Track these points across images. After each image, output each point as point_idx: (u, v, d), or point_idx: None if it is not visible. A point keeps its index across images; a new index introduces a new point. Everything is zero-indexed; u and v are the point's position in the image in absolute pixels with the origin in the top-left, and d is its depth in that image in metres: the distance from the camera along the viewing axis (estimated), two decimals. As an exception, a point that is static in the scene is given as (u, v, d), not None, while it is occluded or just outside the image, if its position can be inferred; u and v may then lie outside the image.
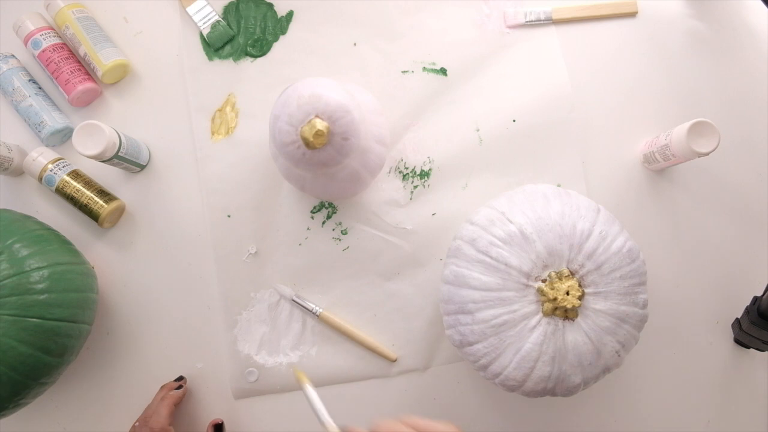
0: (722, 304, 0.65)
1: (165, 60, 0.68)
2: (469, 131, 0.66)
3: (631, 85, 0.67)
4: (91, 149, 0.58)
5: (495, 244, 0.51)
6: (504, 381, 0.52)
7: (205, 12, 0.68)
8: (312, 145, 0.51)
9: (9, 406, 0.54)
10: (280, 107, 0.53)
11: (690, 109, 0.66)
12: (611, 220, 0.54)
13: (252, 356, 0.64)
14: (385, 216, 0.65)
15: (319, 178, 0.57)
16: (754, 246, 0.65)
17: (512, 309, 0.50)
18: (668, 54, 0.67)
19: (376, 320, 0.65)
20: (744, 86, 0.67)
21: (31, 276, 0.53)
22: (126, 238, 0.66)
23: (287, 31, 0.68)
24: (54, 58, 0.65)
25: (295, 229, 0.66)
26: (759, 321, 0.58)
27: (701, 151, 0.56)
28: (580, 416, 0.64)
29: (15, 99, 0.65)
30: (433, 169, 0.66)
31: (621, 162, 0.66)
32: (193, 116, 0.67)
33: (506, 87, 0.66)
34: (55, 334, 0.54)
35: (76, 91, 0.65)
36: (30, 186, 0.67)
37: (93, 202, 0.63)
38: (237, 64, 0.67)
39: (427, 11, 0.68)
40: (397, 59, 0.67)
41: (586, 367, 0.50)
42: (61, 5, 0.65)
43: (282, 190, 0.66)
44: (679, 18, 0.68)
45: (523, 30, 0.67)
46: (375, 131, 0.58)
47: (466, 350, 0.53)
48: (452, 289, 0.53)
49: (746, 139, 0.66)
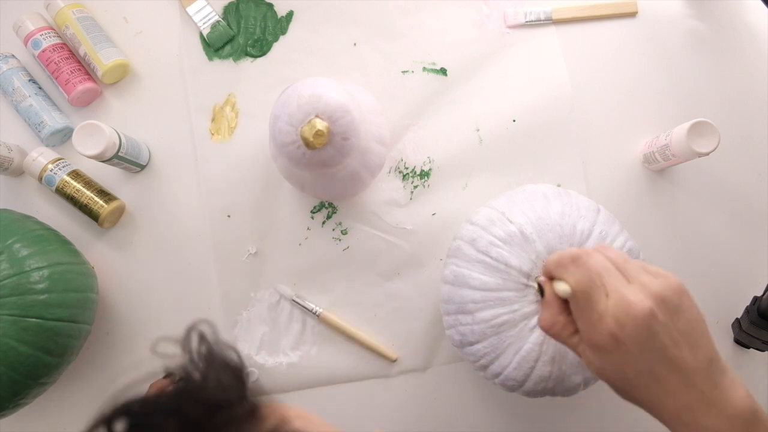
0: (722, 304, 0.65)
1: (165, 60, 0.68)
2: (469, 131, 0.66)
3: (631, 85, 0.67)
4: (91, 149, 0.58)
5: (495, 244, 0.51)
6: (504, 381, 0.52)
7: (205, 12, 0.68)
8: (312, 145, 0.51)
9: (9, 406, 0.54)
10: (280, 107, 0.53)
11: (690, 109, 0.66)
12: (611, 220, 0.54)
13: (252, 356, 0.64)
14: (385, 216, 0.65)
15: (319, 178, 0.57)
16: (754, 246, 0.65)
17: (512, 309, 0.50)
18: (668, 54, 0.67)
19: (376, 320, 0.65)
20: (744, 86, 0.67)
21: (31, 276, 0.53)
22: (126, 238, 0.66)
23: (287, 31, 0.68)
24: (54, 58, 0.65)
25: (295, 229, 0.66)
26: (759, 321, 0.58)
27: (701, 151, 0.56)
28: (580, 416, 0.64)
29: (15, 99, 0.65)
30: (433, 169, 0.66)
31: (621, 162, 0.66)
32: (193, 116, 0.67)
33: (506, 87, 0.66)
34: (55, 334, 0.54)
35: (76, 91, 0.65)
36: (30, 186, 0.67)
37: (93, 202, 0.63)
38: (237, 64, 0.67)
39: (427, 11, 0.68)
40: (397, 59, 0.67)
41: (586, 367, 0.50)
42: (61, 5, 0.65)
43: (282, 190, 0.66)
44: (679, 18, 0.68)
45: (523, 30, 0.67)
46: (375, 131, 0.58)
47: (466, 350, 0.53)
48: (452, 289, 0.53)
49: (746, 139, 0.66)
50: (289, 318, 0.65)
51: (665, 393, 0.35)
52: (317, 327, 0.65)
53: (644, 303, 0.34)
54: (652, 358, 0.35)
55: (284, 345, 0.65)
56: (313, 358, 0.64)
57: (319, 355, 0.64)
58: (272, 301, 0.65)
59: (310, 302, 0.64)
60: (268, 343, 0.65)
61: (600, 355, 0.36)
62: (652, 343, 0.34)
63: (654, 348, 0.35)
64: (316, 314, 0.64)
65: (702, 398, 0.34)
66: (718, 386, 0.35)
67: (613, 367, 0.36)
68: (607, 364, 0.36)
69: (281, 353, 0.65)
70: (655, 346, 0.34)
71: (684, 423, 0.35)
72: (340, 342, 0.65)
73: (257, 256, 0.65)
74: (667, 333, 0.35)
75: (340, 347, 0.64)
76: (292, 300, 0.65)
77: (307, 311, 0.64)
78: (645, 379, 0.35)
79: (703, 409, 0.34)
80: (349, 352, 0.64)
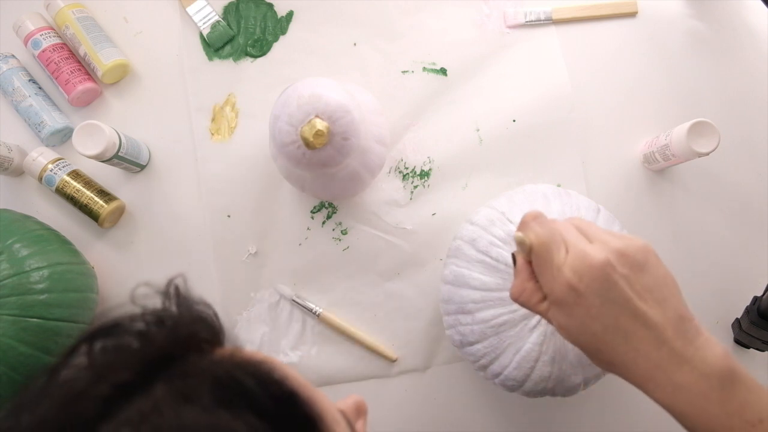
0: (722, 304, 0.65)
1: (165, 60, 0.68)
2: (469, 131, 0.66)
3: (631, 85, 0.67)
4: (91, 149, 0.58)
5: (495, 244, 0.51)
6: (504, 381, 0.52)
7: (205, 12, 0.68)
8: (312, 145, 0.51)
9: (9, 406, 0.54)
10: (280, 107, 0.53)
11: (690, 109, 0.66)
12: (611, 220, 0.54)
13: (252, 356, 0.64)
14: (385, 216, 0.65)
15: (319, 178, 0.57)
16: (754, 246, 0.65)
17: (512, 309, 0.50)
18: (668, 54, 0.67)
19: (376, 320, 0.65)
20: (744, 86, 0.67)
21: (31, 276, 0.53)
22: (126, 238, 0.66)
23: (287, 31, 0.68)
24: (54, 58, 0.65)
25: (295, 229, 0.66)
26: (759, 321, 0.58)
27: (701, 151, 0.56)
28: (580, 416, 0.64)
29: (15, 99, 0.65)
30: (433, 169, 0.66)
31: (621, 162, 0.66)
32: (193, 116, 0.67)
33: (506, 87, 0.66)
34: (55, 334, 0.54)
35: (76, 91, 0.65)
36: (30, 186, 0.67)
37: (93, 202, 0.63)
38: (237, 64, 0.67)
39: (427, 11, 0.68)
40: (397, 59, 0.67)
41: (586, 366, 0.50)
42: (61, 5, 0.65)
43: (282, 190, 0.66)
44: (679, 18, 0.68)
45: (523, 30, 0.67)
46: (375, 131, 0.58)
47: (466, 350, 0.53)
48: (452, 289, 0.53)
49: (746, 139, 0.66)
50: (289, 318, 0.65)
51: (635, 351, 0.34)
52: (317, 327, 0.65)
53: (601, 254, 0.34)
54: (615, 310, 0.34)
55: (284, 345, 0.65)
56: (313, 358, 0.64)
57: (319, 355, 0.64)
58: (272, 301, 0.65)
59: (310, 302, 0.64)
60: (268, 343, 0.65)
61: (563, 312, 0.36)
62: (611, 293, 0.34)
63: (615, 299, 0.34)
64: (316, 314, 0.64)
65: (673, 355, 0.34)
66: (692, 344, 0.34)
67: (579, 323, 0.35)
68: (571, 321, 0.35)
69: (281, 353, 0.65)
70: (615, 296, 0.34)
71: (658, 384, 0.34)
72: (340, 342, 0.65)
73: (257, 256, 0.65)
74: (628, 285, 0.34)
75: (340, 347, 0.64)
76: (292, 300, 0.65)
77: (307, 311, 0.64)
78: (612, 335, 0.35)
79: (675, 365, 0.34)
80: (349, 352, 0.64)
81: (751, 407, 0.33)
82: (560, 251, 0.36)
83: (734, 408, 0.33)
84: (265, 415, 0.23)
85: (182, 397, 0.22)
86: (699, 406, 0.33)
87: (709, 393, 0.33)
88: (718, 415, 0.33)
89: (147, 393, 0.22)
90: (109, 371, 0.23)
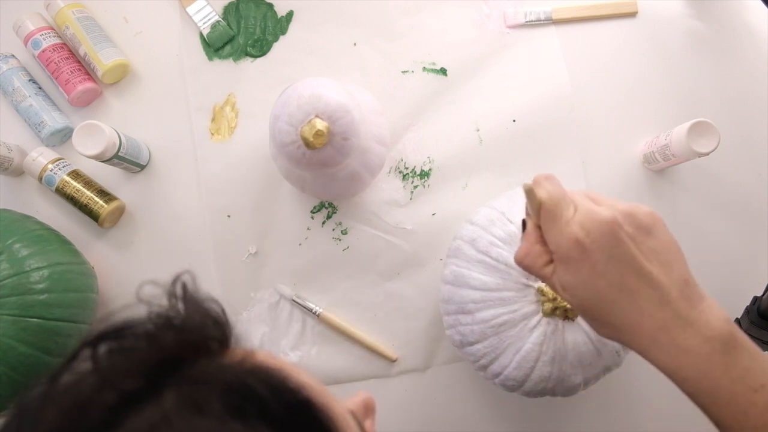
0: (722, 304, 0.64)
1: (165, 60, 0.68)
2: (469, 131, 0.66)
3: (631, 85, 0.67)
4: (91, 149, 0.58)
5: (495, 244, 0.51)
6: (504, 381, 0.52)
7: (205, 12, 0.68)
8: (312, 145, 0.51)
9: (9, 406, 0.54)
10: (280, 107, 0.53)
11: (690, 109, 0.66)
12: (611, 220, 0.54)
13: (252, 356, 0.64)
14: (385, 216, 0.65)
15: (319, 178, 0.57)
16: (754, 246, 0.65)
17: (512, 309, 0.50)
18: (668, 54, 0.67)
19: (376, 320, 0.65)
20: (744, 86, 0.67)
21: (31, 276, 0.53)
22: (126, 238, 0.66)
23: (287, 31, 0.68)
24: (54, 58, 0.65)
25: (295, 229, 0.66)
26: (759, 321, 0.58)
27: (701, 151, 0.56)
28: (580, 416, 0.64)
29: (15, 99, 0.65)
30: (433, 169, 0.66)
31: (621, 162, 0.66)
32: (193, 116, 0.67)
33: (506, 87, 0.66)
34: (55, 334, 0.54)
35: (76, 91, 0.64)
36: (30, 186, 0.67)
37: (93, 202, 0.63)
38: (237, 64, 0.67)
39: (427, 11, 0.68)
40: (397, 59, 0.67)
41: (586, 367, 0.50)
42: (61, 5, 0.65)
43: (282, 190, 0.66)
44: (679, 18, 0.68)
45: (523, 30, 0.67)
46: (375, 131, 0.58)
47: (466, 350, 0.53)
48: (452, 289, 0.53)
49: (746, 139, 0.66)
50: (289, 318, 0.65)
51: (640, 311, 0.34)
52: (317, 327, 0.65)
53: (609, 212, 0.35)
54: (621, 267, 0.34)
55: (284, 345, 0.65)
56: (313, 358, 0.64)
57: (319, 355, 0.64)
58: (272, 301, 0.65)
59: (310, 302, 0.64)
60: (268, 343, 0.65)
61: (569, 269, 0.36)
62: (617, 250, 0.34)
63: (621, 256, 0.34)
64: (316, 314, 0.64)
65: (678, 317, 0.34)
66: (696, 308, 0.34)
67: (584, 281, 0.35)
68: (577, 278, 0.35)
69: (281, 353, 0.65)
70: (621, 253, 0.34)
71: (662, 347, 0.34)
72: (340, 342, 0.64)
73: (257, 256, 0.65)
74: (635, 244, 0.35)
75: (340, 347, 0.64)
76: (292, 300, 0.65)
77: (307, 311, 0.64)
78: (617, 293, 0.35)
79: (679, 328, 0.34)
80: (349, 352, 0.64)
81: (753, 372, 0.33)
82: (569, 208, 0.36)
83: (737, 373, 0.33)
84: (278, 425, 0.22)
85: (193, 406, 0.21)
86: (702, 370, 0.33)
87: (713, 357, 0.33)
88: (721, 380, 0.33)
89: (156, 401, 0.21)
90: (115, 376, 0.22)
